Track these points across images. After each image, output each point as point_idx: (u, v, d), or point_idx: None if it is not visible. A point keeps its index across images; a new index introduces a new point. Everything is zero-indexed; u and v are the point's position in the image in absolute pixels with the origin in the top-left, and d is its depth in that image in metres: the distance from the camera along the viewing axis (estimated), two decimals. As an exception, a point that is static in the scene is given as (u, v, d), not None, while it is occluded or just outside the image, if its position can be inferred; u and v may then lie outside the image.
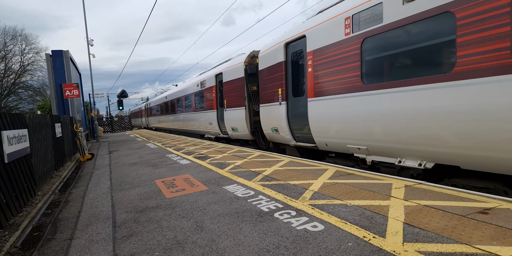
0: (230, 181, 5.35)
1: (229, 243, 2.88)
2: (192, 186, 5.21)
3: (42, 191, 6.09)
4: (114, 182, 6.15)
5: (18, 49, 37.78)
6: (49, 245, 3.29)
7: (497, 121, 3.77)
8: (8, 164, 4.46)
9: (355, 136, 5.95)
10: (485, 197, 3.54)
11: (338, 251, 2.55)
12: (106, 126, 32.62)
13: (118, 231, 3.47)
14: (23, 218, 4.38)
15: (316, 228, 3.06)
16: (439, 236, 2.66)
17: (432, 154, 4.69)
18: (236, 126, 11.38)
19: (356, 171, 5.34)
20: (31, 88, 39.87)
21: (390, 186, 4.28)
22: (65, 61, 15.01)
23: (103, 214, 4.13)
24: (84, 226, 3.76)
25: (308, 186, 4.58)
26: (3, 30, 36.84)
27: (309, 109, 7.11)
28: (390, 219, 3.11)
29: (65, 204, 4.93)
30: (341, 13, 6.06)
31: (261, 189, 4.64)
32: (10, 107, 38.36)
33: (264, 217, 3.47)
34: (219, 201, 4.21)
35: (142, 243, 3.08)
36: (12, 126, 4.89)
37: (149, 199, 4.64)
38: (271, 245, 2.76)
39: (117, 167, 8.12)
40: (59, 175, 7.78)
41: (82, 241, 3.29)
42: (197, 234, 3.17)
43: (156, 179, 6.03)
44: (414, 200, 3.60)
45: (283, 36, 8.41)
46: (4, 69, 37.11)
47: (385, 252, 2.47)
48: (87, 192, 5.58)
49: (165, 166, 7.52)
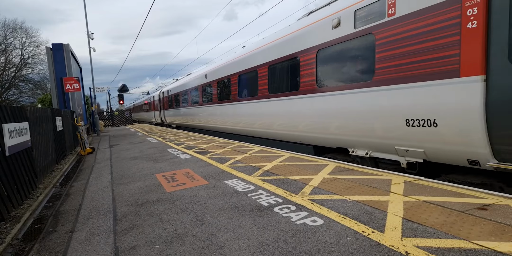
0: (230, 175, 5.36)
1: (229, 237, 2.90)
2: (192, 181, 5.23)
3: (43, 184, 6.12)
4: (115, 176, 6.18)
5: (19, 42, 37.64)
6: (51, 237, 3.32)
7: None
8: (9, 157, 4.48)
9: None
10: (484, 194, 3.56)
11: (337, 245, 2.57)
12: (107, 120, 32.60)
13: (119, 224, 3.50)
14: (24, 210, 4.41)
15: (315, 222, 3.07)
16: (438, 231, 2.68)
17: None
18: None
19: (356, 167, 5.35)
20: (31, 82, 39.81)
21: (389, 181, 4.30)
22: (66, 54, 14.96)
23: (104, 208, 4.15)
24: (85, 219, 3.78)
25: (308, 181, 4.60)
26: (3, 23, 36.65)
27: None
28: (389, 214, 3.13)
29: (66, 197, 4.95)
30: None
31: (261, 184, 4.66)
32: (10, 100, 38.33)
33: (264, 211, 3.49)
34: (219, 196, 4.24)
35: (142, 236, 3.11)
36: (13, 119, 4.90)
37: (149, 193, 4.67)
38: (270, 239, 2.79)
39: (118, 161, 8.14)
40: (60, 169, 7.81)
41: (83, 233, 3.32)
42: (197, 227, 3.19)
43: (157, 173, 6.06)
44: (413, 196, 3.61)
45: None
46: (4, 62, 37.01)
47: (383, 247, 2.49)
48: (88, 185, 5.60)
49: (165, 160, 7.54)
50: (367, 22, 5.39)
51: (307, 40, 6.96)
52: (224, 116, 12.14)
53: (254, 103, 9.57)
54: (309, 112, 7.06)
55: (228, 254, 2.58)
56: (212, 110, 13.38)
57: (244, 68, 10.10)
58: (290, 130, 7.97)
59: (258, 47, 9.42)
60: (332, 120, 6.37)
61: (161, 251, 2.74)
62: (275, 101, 8.36)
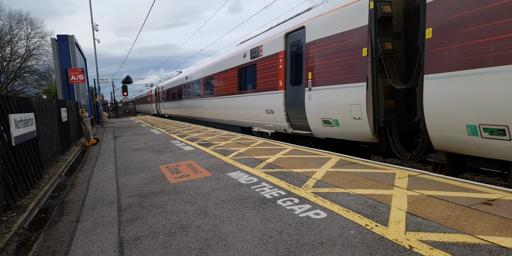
0: (233, 168, 5.37)
1: (232, 229, 2.92)
2: (196, 172, 5.25)
3: (49, 174, 6.18)
4: (119, 167, 6.22)
5: (24, 33, 37.58)
6: (56, 226, 3.36)
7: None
8: (16, 147, 4.52)
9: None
10: (489, 188, 3.53)
11: (340, 239, 2.58)
12: (111, 112, 32.69)
13: (123, 214, 3.53)
14: (30, 200, 4.46)
15: (318, 215, 3.08)
16: (442, 225, 2.67)
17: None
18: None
19: (360, 160, 5.34)
20: (36, 73, 39.90)
21: (393, 175, 4.28)
22: (71, 46, 14.95)
23: (108, 198, 4.19)
24: (90, 209, 3.82)
25: (311, 174, 4.60)
26: (9, 14, 36.62)
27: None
28: (393, 208, 3.12)
29: (71, 187, 5.00)
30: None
31: (264, 176, 4.67)
32: (16, 91, 38.52)
33: (267, 204, 3.50)
34: (223, 187, 4.25)
35: (146, 226, 3.13)
36: (19, 110, 4.92)
37: (153, 184, 4.69)
38: (273, 231, 2.79)
39: (122, 152, 8.19)
40: (65, 159, 7.87)
41: (88, 223, 3.36)
42: (201, 219, 3.21)
43: (160, 165, 6.09)
44: (417, 190, 3.60)
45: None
46: (10, 53, 37.07)
47: (387, 241, 2.49)
48: (92, 176, 5.65)
49: (169, 152, 7.57)
50: (254, 57, 10.20)
51: (234, 62, 11.86)
52: (195, 108, 17.72)
53: (208, 100, 14.96)
54: (236, 106, 11.79)
55: (231, 246, 2.59)
56: (188, 103, 19.13)
57: (206, 75, 15.34)
58: (227, 117, 12.90)
59: (213, 62, 14.77)
60: (246, 111, 11.06)
61: (165, 241, 2.77)
62: (221, 98, 13.26)
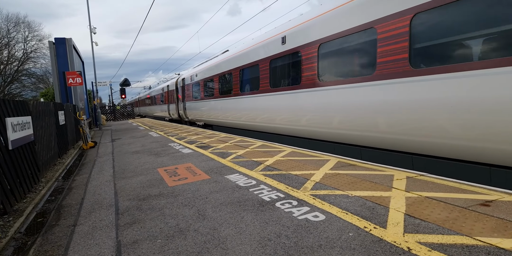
0: (232, 170, 5.37)
1: (231, 232, 2.91)
2: (194, 175, 5.23)
3: (46, 178, 6.15)
4: (117, 170, 6.20)
5: (21, 36, 37.54)
6: (53, 231, 3.34)
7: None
8: (12, 150, 4.49)
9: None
10: (487, 190, 3.54)
11: (339, 241, 2.57)
12: (109, 115, 32.63)
13: (121, 218, 3.51)
14: (27, 204, 4.43)
15: (317, 218, 3.07)
16: (440, 227, 2.67)
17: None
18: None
19: (358, 162, 5.34)
20: (34, 76, 39.83)
21: (391, 177, 4.28)
22: (68, 49, 14.92)
23: (106, 202, 4.17)
24: (87, 213, 3.80)
25: (310, 176, 4.59)
26: (6, 17, 36.58)
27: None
28: (391, 210, 3.12)
29: (69, 191, 4.97)
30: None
31: (262, 178, 4.66)
32: (13, 94, 38.40)
33: (266, 206, 3.49)
34: (221, 190, 4.24)
35: (144, 230, 3.12)
36: (16, 113, 4.90)
37: (151, 187, 4.68)
38: (272, 234, 2.79)
39: (120, 155, 8.16)
40: (62, 163, 7.84)
41: (85, 227, 3.34)
42: (199, 222, 3.20)
43: (159, 168, 6.07)
44: (415, 192, 3.60)
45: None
46: (7, 56, 36.98)
47: (385, 243, 2.48)
48: (90, 179, 5.62)
49: (167, 154, 7.55)
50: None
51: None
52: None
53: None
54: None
55: (230, 249, 2.58)
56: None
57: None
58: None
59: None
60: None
61: (163, 245, 2.75)
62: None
